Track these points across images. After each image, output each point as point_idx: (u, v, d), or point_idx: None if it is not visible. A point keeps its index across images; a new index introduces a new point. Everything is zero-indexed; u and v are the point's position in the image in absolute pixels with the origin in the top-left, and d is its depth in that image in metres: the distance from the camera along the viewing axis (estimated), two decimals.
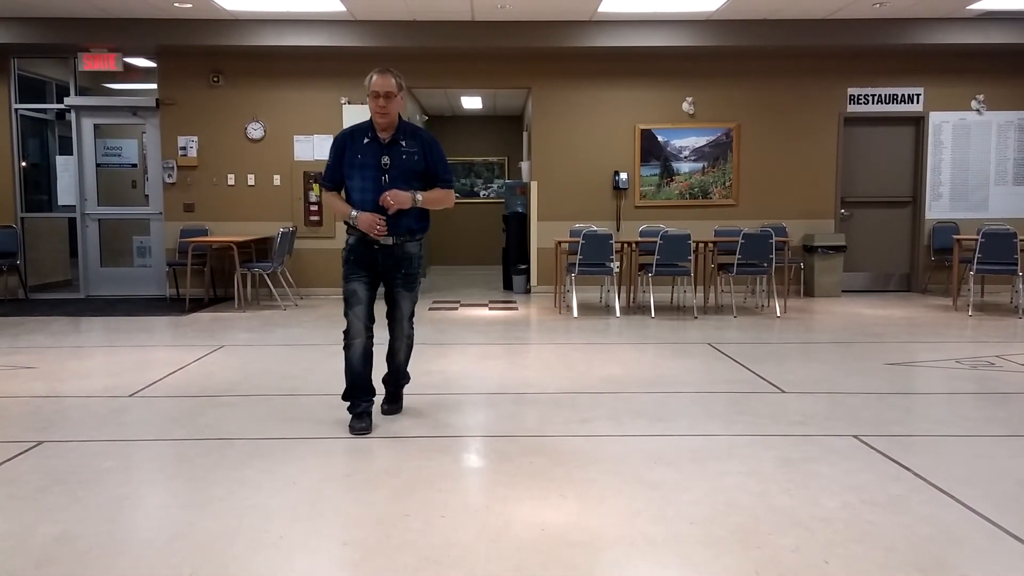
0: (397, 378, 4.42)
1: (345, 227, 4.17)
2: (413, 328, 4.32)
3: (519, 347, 6.63)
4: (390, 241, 4.04)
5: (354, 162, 4.03)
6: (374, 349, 4.14)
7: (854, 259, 9.84)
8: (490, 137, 13.84)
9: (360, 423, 4.06)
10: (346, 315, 4.12)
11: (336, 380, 5.25)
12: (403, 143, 4.04)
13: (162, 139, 9.56)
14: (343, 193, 4.16)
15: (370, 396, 4.17)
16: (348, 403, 4.16)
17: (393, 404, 4.44)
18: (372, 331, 4.13)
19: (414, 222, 4.10)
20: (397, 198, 3.93)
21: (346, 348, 4.12)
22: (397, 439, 3.96)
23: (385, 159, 4.00)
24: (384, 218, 3.96)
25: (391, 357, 4.34)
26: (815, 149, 9.72)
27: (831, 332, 7.13)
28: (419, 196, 4.01)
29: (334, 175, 4.14)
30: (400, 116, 4.07)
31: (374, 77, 3.95)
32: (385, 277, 4.14)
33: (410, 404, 4.66)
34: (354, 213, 4.01)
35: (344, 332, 4.12)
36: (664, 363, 5.80)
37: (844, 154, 9.77)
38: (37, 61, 9.78)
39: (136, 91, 9.83)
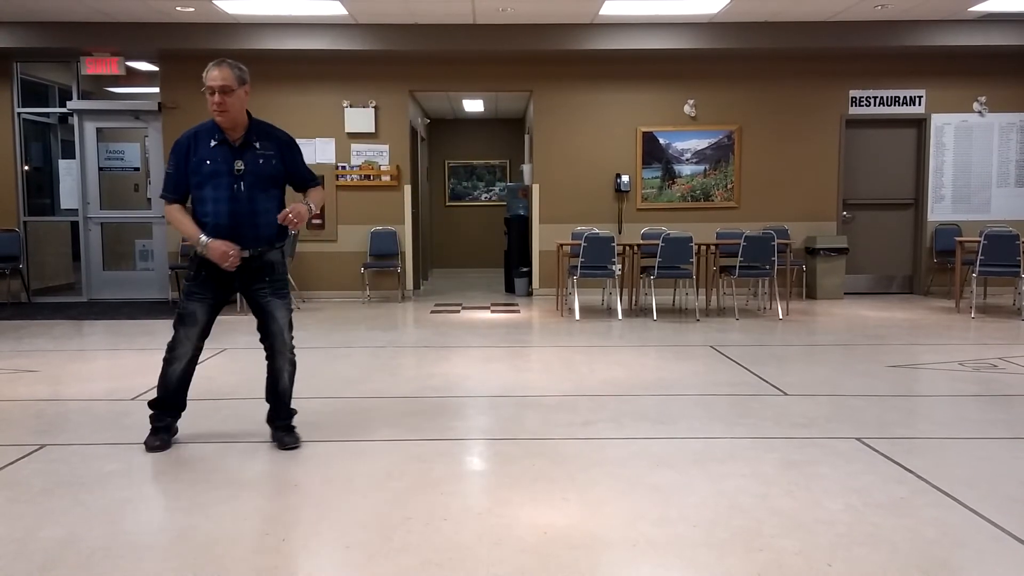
0: (286, 406, 3.86)
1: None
2: (294, 345, 3.88)
3: (521, 350, 6.63)
4: (247, 254, 3.64)
5: (202, 169, 3.57)
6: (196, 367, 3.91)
7: (856, 261, 9.83)
8: (492, 140, 13.85)
9: (156, 439, 3.74)
10: (176, 330, 3.78)
11: (337, 383, 5.27)
12: (257, 145, 3.61)
13: (164, 143, 9.56)
14: (191, 206, 3.71)
15: (178, 412, 3.88)
16: (152, 414, 3.81)
17: (290, 434, 3.84)
18: (200, 349, 3.86)
19: (274, 232, 3.70)
20: (299, 214, 3.57)
21: (167, 362, 3.79)
22: (399, 442, 3.95)
23: (239, 164, 3.56)
24: (238, 248, 3.57)
25: (274, 382, 3.83)
26: (817, 151, 9.72)
27: (833, 334, 7.12)
28: (312, 205, 3.68)
29: (177, 184, 3.64)
30: (250, 114, 3.66)
31: (208, 71, 3.52)
32: (245, 291, 3.74)
33: (413, 407, 4.66)
34: (204, 239, 3.56)
35: (169, 346, 3.80)
36: (666, 366, 5.80)
37: (846, 156, 9.77)
38: (40, 65, 9.81)
39: (138, 95, 9.85)
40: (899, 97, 9.70)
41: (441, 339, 7.01)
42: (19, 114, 9.60)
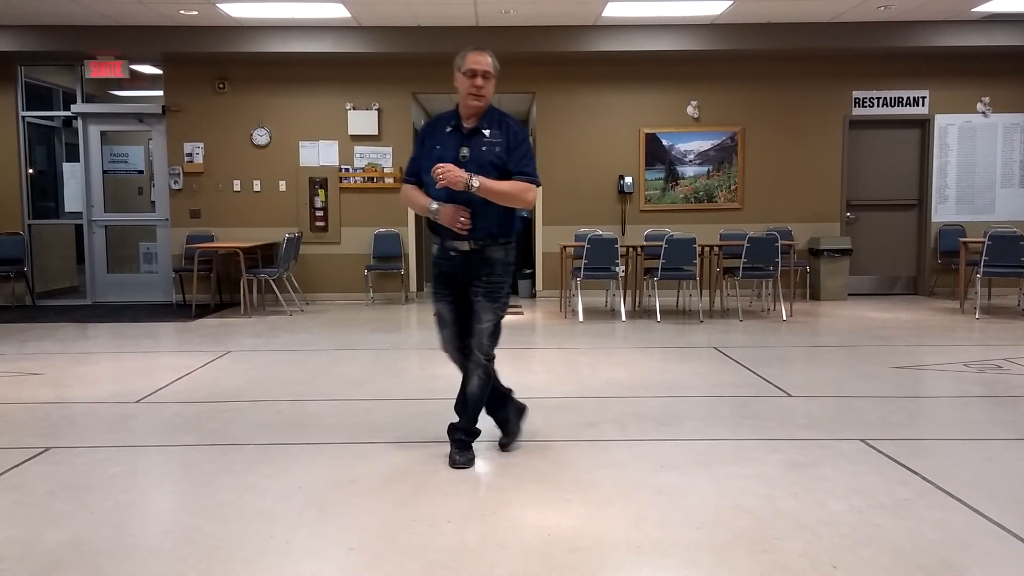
0: (470, 417, 3.65)
1: (432, 233, 3.68)
2: (494, 355, 3.65)
3: (525, 351, 6.63)
4: (466, 247, 3.54)
5: (432, 154, 3.54)
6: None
7: (860, 262, 9.82)
8: None
9: (463, 456, 3.59)
10: (439, 336, 3.76)
11: (341, 385, 5.28)
12: (486, 132, 3.53)
13: (168, 145, 9.60)
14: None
15: (494, 411, 3.81)
16: (452, 425, 3.72)
17: (463, 452, 3.63)
18: (466, 350, 3.67)
19: (492, 223, 3.51)
20: (448, 174, 3.38)
21: (455, 363, 3.77)
22: (403, 444, 3.95)
23: (464, 151, 3.51)
24: (470, 211, 3.44)
25: (463, 384, 3.67)
26: (820, 152, 9.71)
27: (837, 335, 7.11)
28: (475, 181, 3.40)
29: (414, 167, 3.68)
30: (490, 103, 3.59)
31: (468, 55, 3.49)
32: (467, 288, 3.61)
33: (417, 409, 4.66)
34: (434, 205, 3.49)
35: (443, 350, 3.79)
36: (670, 367, 5.79)
37: (849, 157, 9.75)
38: (44, 69, 9.83)
39: (142, 98, 9.88)
40: (902, 98, 9.69)
41: None
42: (23, 117, 9.64)
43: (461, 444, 3.67)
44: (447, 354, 3.79)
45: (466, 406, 3.67)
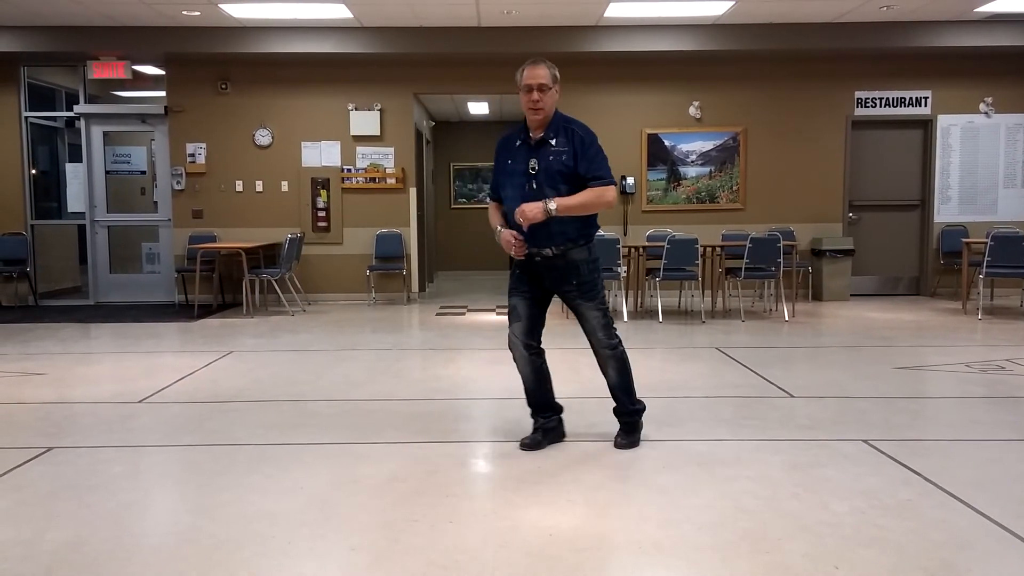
0: (617, 400, 3.87)
1: None
2: (617, 339, 3.76)
3: None
4: (549, 252, 3.60)
5: (505, 169, 3.67)
6: (548, 366, 3.90)
7: (862, 263, 9.80)
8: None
9: (527, 438, 3.82)
10: (509, 329, 3.84)
11: (343, 385, 5.29)
12: (553, 142, 3.60)
13: (170, 146, 9.61)
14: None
15: (547, 413, 3.89)
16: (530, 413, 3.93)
17: (626, 436, 3.85)
18: (537, 347, 3.82)
19: (571, 229, 3.59)
20: (524, 214, 3.47)
21: (514, 362, 3.87)
22: (405, 444, 3.95)
23: (533, 163, 3.58)
24: (521, 237, 3.55)
25: (604, 377, 3.87)
26: (823, 153, 9.70)
27: (839, 336, 7.10)
28: (552, 205, 3.46)
29: (494, 183, 3.82)
30: (557, 111, 3.69)
31: (525, 69, 3.59)
32: (557, 291, 3.74)
33: (418, 409, 4.66)
34: (498, 228, 3.66)
35: (509, 346, 3.88)
36: (672, 367, 5.79)
37: (852, 157, 9.75)
38: (46, 69, 9.85)
39: (145, 98, 9.89)
40: (905, 98, 9.68)
41: (446, 341, 7.01)
42: (26, 118, 9.65)
43: (627, 427, 3.88)
44: (513, 350, 3.84)
45: (611, 391, 3.86)
